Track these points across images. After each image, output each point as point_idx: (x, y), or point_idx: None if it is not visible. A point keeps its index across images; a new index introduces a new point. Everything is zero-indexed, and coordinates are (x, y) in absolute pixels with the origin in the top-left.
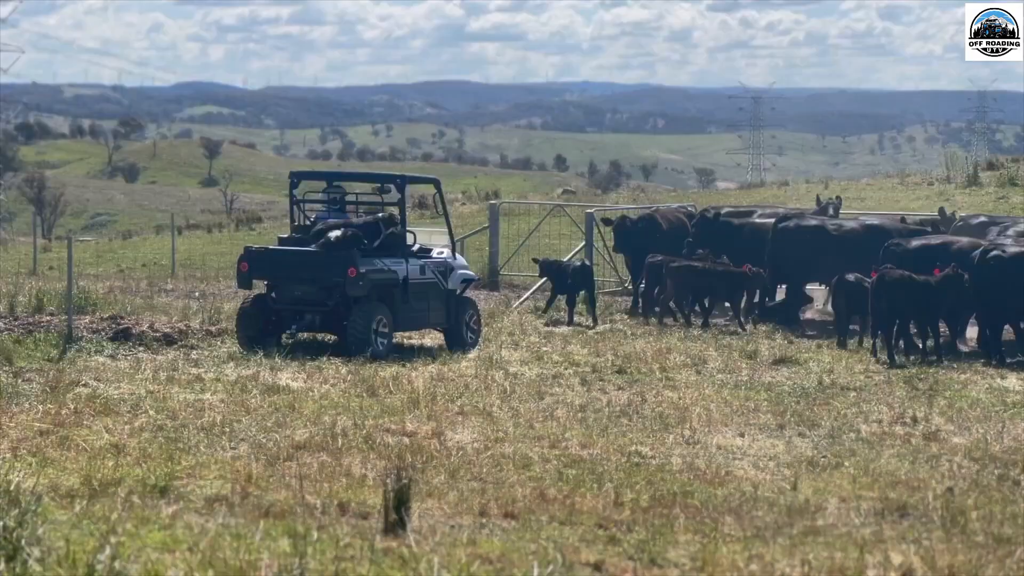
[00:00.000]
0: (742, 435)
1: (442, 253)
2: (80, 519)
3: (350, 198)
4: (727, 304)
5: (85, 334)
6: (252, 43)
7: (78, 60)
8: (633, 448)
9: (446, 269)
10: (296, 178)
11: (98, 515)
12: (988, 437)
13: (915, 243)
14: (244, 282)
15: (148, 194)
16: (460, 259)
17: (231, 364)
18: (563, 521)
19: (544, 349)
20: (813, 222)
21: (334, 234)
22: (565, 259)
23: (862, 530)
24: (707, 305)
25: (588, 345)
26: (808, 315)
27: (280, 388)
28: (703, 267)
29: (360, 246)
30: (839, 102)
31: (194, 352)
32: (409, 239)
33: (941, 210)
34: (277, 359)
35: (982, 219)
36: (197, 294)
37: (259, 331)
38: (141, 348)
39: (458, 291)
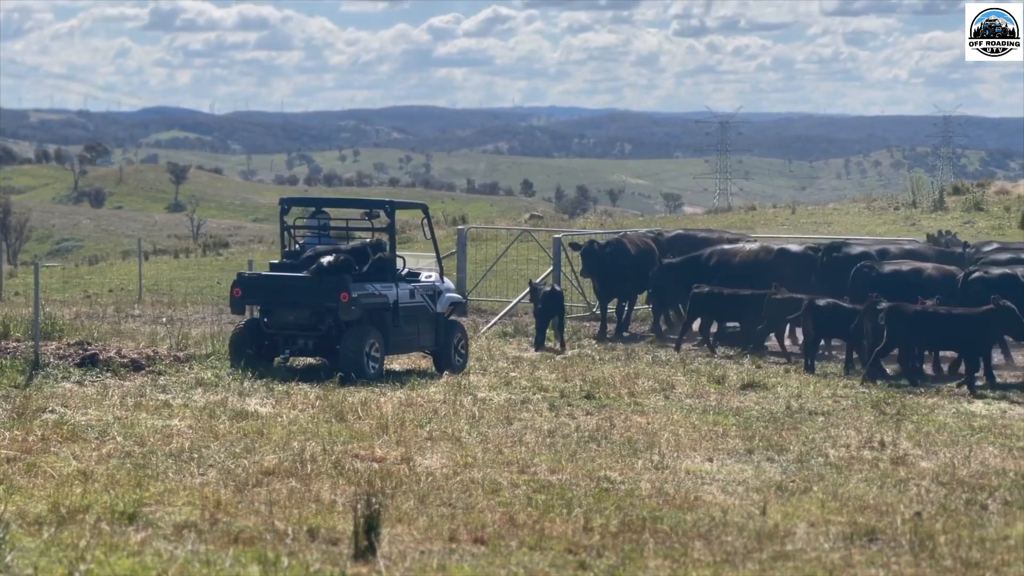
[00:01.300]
0: (711, 460)
1: (430, 277)
2: (48, 546)
3: (340, 224)
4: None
5: (52, 360)
6: (219, 68)
7: (44, 85)
8: (602, 473)
9: (434, 293)
10: (287, 204)
11: (66, 542)
12: (955, 461)
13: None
14: (237, 307)
15: (114, 219)
16: (448, 282)
17: (199, 390)
18: (533, 546)
19: (512, 374)
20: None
21: (326, 259)
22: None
23: (831, 555)
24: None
25: (556, 370)
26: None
27: (249, 414)
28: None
29: (352, 271)
30: (805, 127)
31: (162, 378)
32: (399, 264)
33: (928, 236)
34: (246, 384)
35: (995, 245)
36: (164, 319)
37: (252, 355)
38: (108, 374)
39: (446, 314)
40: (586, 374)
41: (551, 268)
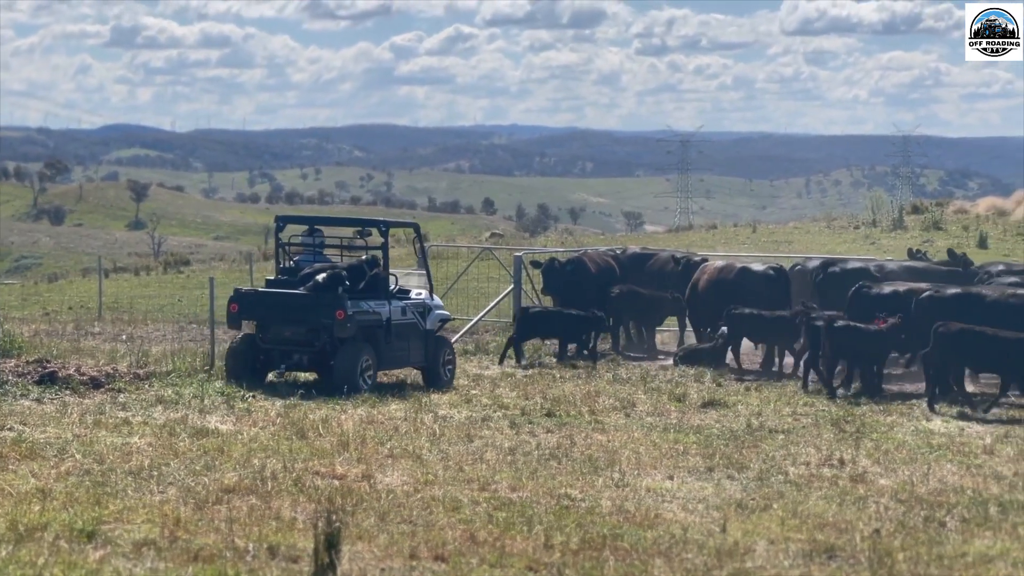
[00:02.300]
0: (671, 478)
1: (420, 294)
2: (6, 564)
3: (334, 241)
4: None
5: (10, 378)
6: (180, 86)
7: (3, 102)
8: (563, 491)
9: (424, 310)
10: (282, 222)
11: (24, 560)
12: (914, 479)
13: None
14: (234, 322)
15: (74, 237)
16: (436, 300)
17: (159, 407)
18: (493, 563)
19: (473, 392)
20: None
21: (323, 277)
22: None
23: (791, 572)
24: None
25: (517, 388)
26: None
27: (209, 431)
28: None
29: (348, 289)
30: (766, 146)
31: (121, 395)
32: (390, 281)
33: (909, 251)
34: (206, 401)
35: (1000, 267)
36: (124, 337)
37: (248, 370)
38: (68, 392)
39: (435, 331)
40: (547, 392)
41: (512, 286)
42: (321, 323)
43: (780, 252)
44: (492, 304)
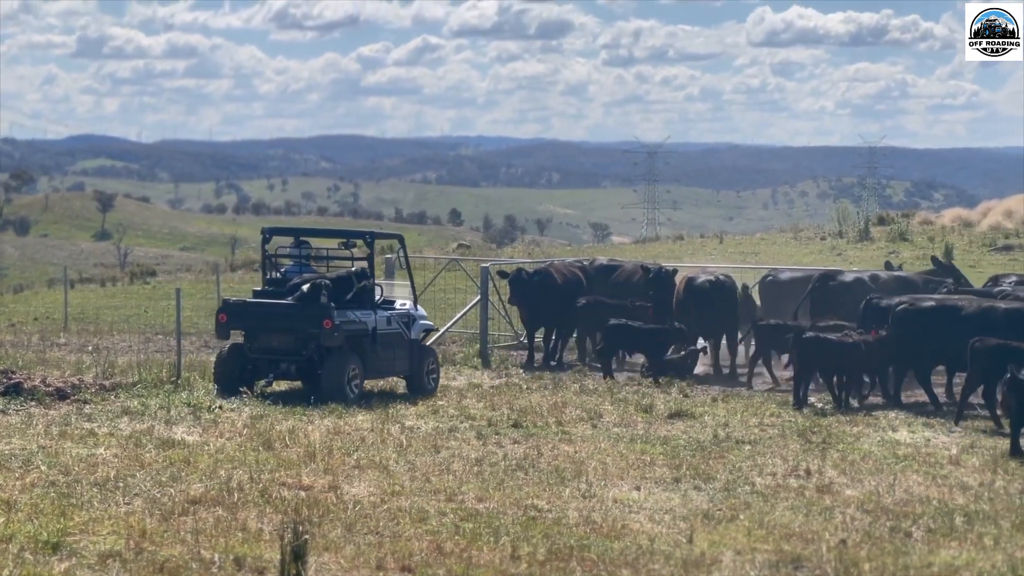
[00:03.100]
0: (638, 488)
1: (404, 304)
2: None
3: (320, 253)
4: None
5: None
6: (147, 96)
7: None
8: (529, 502)
9: (409, 319)
10: (268, 234)
11: None
12: (880, 489)
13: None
14: (223, 332)
15: (40, 247)
16: (420, 310)
17: (125, 418)
18: (460, 575)
19: (440, 403)
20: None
21: (309, 287)
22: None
23: None
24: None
25: (484, 399)
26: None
27: (175, 442)
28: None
29: (335, 299)
30: (733, 157)
31: (87, 407)
32: (376, 291)
33: (887, 264)
34: (172, 412)
35: (1013, 278)
36: (90, 348)
37: (236, 379)
38: (33, 403)
39: (420, 340)
40: (513, 403)
41: (478, 297)
42: (309, 333)
43: (747, 263)
44: (459, 315)
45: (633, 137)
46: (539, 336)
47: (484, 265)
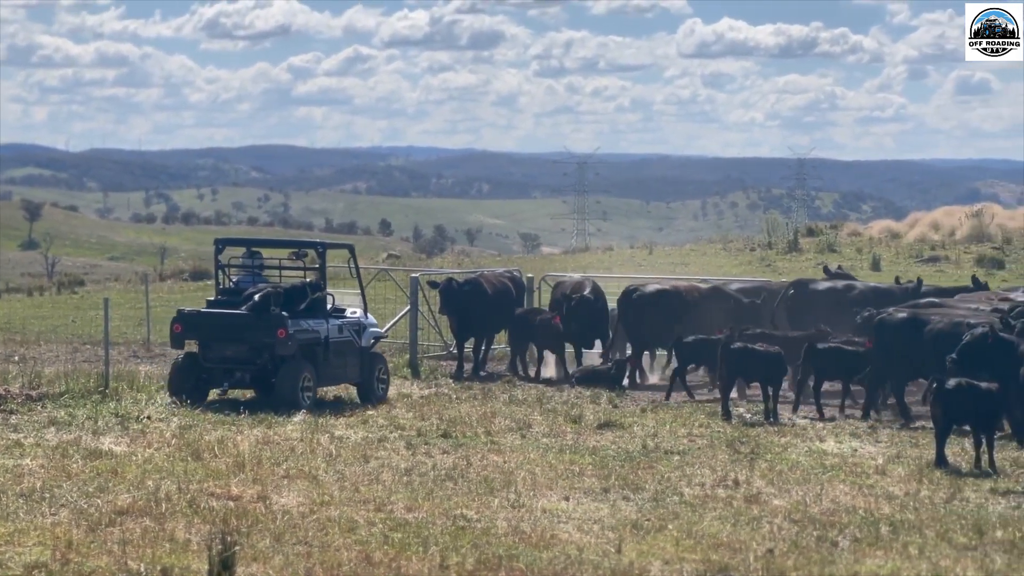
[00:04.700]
0: (567, 498)
1: (355, 313)
2: None
3: (272, 263)
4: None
5: None
6: (76, 104)
7: None
8: (458, 511)
9: (360, 328)
10: (221, 244)
11: None
12: (807, 499)
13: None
14: (177, 343)
15: None
16: (371, 318)
17: (52, 429)
18: None
19: (369, 413)
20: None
21: (262, 297)
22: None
23: None
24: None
25: (413, 409)
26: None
27: (103, 452)
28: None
29: (287, 308)
30: (663, 168)
31: (13, 417)
32: (327, 301)
33: (825, 268)
34: (100, 423)
35: (1019, 291)
36: (17, 358)
37: (190, 388)
38: None
39: (369, 348)
40: (443, 413)
41: (408, 307)
42: (263, 342)
43: (676, 273)
44: (389, 325)
45: (563, 148)
46: (469, 346)
47: (414, 275)
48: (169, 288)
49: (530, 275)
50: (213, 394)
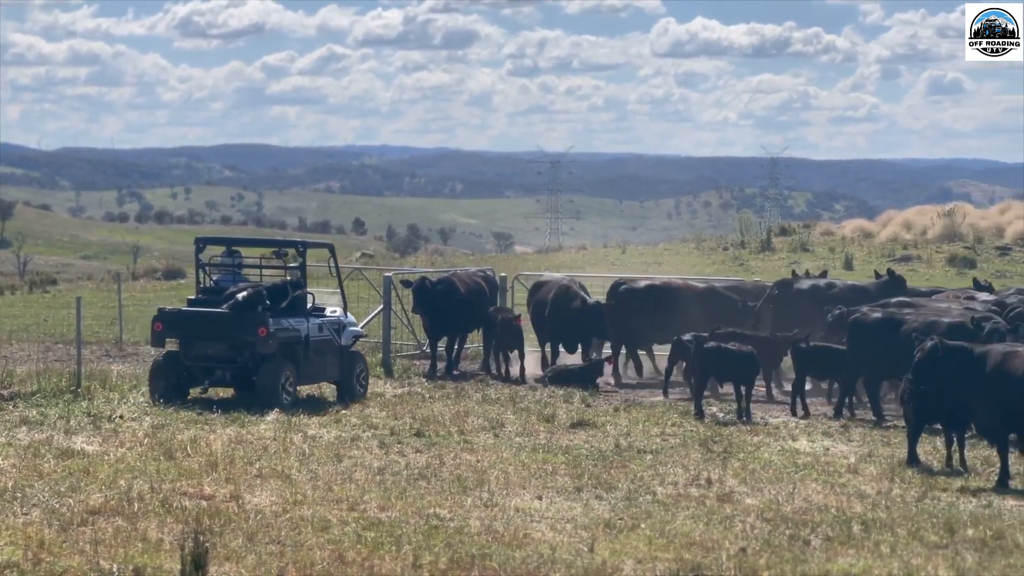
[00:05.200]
0: (540, 498)
1: (335, 312)
2: None
3: (253, 262)
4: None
5: None
6: (48, 103)
7: None
8: (431, 511)
9: (340, 327)
10: (201, 243)
11: None
12: (780, 498)
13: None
14: (158, 341)
15: None
16: (350, 317)
17: (24, 428)
18: None
19: (342, 412)
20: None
21: (244, 296)
22: None
23: None
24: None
25: (386, 408)
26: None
27: (75, 452)
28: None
29: (269, 307)
30: (636, 167)
31: None
32: (308, 299)
33: (793, 272)
34: (72, 422)
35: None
36: None
37: (171, 386)
38: None
39: (349, 347)
40: (416, 412)
41: (381, 306)
42: (244, 340)
43: (650, 273)
44: (362, 324)
45: (537, 147)
46: (442, 345)
47: (387, 274)
48: (142, 287)
49: (503, 274)
50: (194, 392)
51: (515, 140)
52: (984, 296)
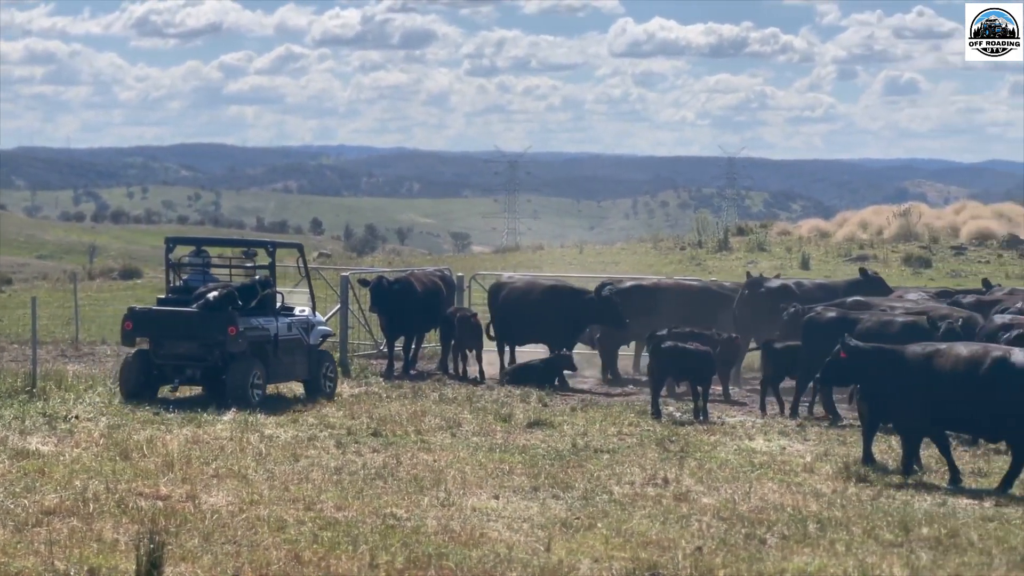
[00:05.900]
0: (496, 497)
1: (304, 311)
2: None
3: (221, 261)
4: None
5: None
6: (3, 103)
7: None
8: (388, 510)
9: (308, 326)
10: (172, 243)
11: None
12: (736, 497)
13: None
14: (128, 340)
15: None
16: (319, 316)
17: None
18: None
19: (299, 411)
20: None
21: (214, 295)
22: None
23: None
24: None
25: (343, 407)
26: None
27: (30, 452)
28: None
29: (239, 307)
30: (594, 167)
31: None
32: (277, 299)
33: (748, 275)
34: (27, 423)
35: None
36: None
37: (141, 385)
38: None
39: (318, 346)
40: (373, 411)
41: (339, 305)
42: (214, 339)
43: (607, 272)
44: None
45: (495, 147)
46: (399, 345)
47: (344, 274)
48: (98, 287)
49: (460, 274)
50: (164, 390)
51: (473, 140)
52: (915, 295)
